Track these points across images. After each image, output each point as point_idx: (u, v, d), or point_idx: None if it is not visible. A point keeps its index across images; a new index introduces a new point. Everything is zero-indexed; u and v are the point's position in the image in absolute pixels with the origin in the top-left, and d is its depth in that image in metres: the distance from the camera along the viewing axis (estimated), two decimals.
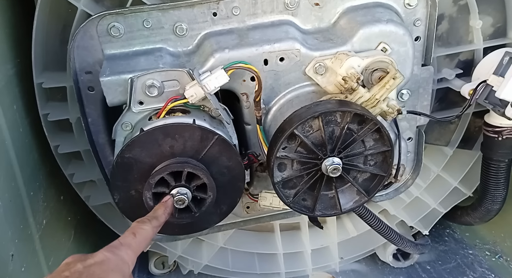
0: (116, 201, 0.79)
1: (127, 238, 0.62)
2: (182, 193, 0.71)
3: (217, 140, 0.75)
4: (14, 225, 0.85)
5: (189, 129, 0.74)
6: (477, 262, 1.36)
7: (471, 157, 1.19)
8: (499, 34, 1.04)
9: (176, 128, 0.74)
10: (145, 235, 0.64)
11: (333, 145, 0.79)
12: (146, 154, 0.74)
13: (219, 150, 0.76)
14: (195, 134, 0.74)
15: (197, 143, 0.75)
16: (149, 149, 0.74)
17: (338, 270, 1.36)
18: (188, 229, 0.86)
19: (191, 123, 0.75)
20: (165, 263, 1.36)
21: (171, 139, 0.74)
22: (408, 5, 0.89)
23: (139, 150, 0.74)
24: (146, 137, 0.74)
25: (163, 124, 0.74)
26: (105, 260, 0.56)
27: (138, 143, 0.74)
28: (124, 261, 0.58)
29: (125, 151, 0.74)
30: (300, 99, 0.88)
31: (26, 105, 0.96)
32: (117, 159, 0.74)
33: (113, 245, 0.60)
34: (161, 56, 0.83)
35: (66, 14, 0.89)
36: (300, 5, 0.86)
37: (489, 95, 0.95)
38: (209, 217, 0.82)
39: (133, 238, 0.62)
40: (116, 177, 0.76)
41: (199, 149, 0.75)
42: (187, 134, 0.74)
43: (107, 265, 0.56)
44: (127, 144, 0.74)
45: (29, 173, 0.94)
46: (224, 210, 0.83)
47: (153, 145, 0.74)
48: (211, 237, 1.25)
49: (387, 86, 0.81)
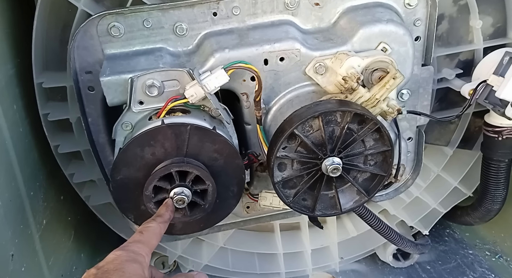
0: (133, 221, 0.80)
1: (134, 237, 0.63)
2: (178, 193, 0.71)
3: (191, 129, 0.74)
4: (14, 225, 0.85)
5: (160, 131, 0.73)
6: (477, 262, 1.36)
7: (471, 157, 1.19)
8: (499, 34, 1.04)
9: (147, 135, 0.73)
10: (153, 231, 0.65)
11: (333, 145, 0.79)
12: (133, 170, 0.74)
13: (198, 138, 0.75)
14: (168, 134, 0.74)
15: (174, 141, 0.74)
16: (134, 164, 0.74)
17: (338, 270, 1.36)
18: (211, 221, 0.85)
19: (160, 125, 0.74)
20: (165, 263, 1.36)
21: (148, 147, 0.73)
22: (408, 5, 0.89)
23: (126, 169, 0.74)
24: (126, 155, 0.74)
25: (133, 137, 0.74)
26: (117, 257, 0.57)
27: (122, 163, 0.74)
28: (137, 252, 0.59)
29: (114, 174, 0.74)
30: (300, 99, 0.88)
31: (26, 105, 0.96)
32: (111, 184, 0.75)
33: (122, 245, 0.60)
34: (161, 56, 0.83)
35: (66, 14, 0.89)
36: (300, 5, 0.86)
37: (489, 95, 0.95)
38: (225, 203, 0.82)
39: (141, 235, 0.63)
40: (120, 199, 0.78)
41: (179, 145, 0.75)
42: (160, 136, 0.73)
43: (119, 259, 0.56)
44: (112, 167, 0.74)
45: (29, 173, 0.94)
46: (236, 190, 0.82)
47: (136, 159, 0.74)
48: (211, 237, 1.25)
49: (387, 86, 0.81)
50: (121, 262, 0.55)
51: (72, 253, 1.12)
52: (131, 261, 0.56)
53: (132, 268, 0.55)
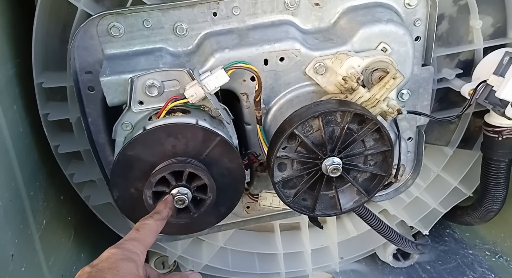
0: (115, 198, 0.79)
1: (130, 234, 0.62)
2: (182, 193, 0.71)
3: (219, 141, 0.75)
4: (14, 225, 0.85)
5: (192, 129, 0.74)
6: (477, 262, 1.36)
7: (471, 157, 1.19)
8: (499, 34, 1.04)
9: (179, 128, 0.74)
10: (149, 228, 0.64)
11: (333, 145, 0.79)
12: (148, 153, 0.74)
13: (220, 151, 0.76)
14: (198, 135, 0.74)
15: (199, 144, 0.75)
16: (151, 148, 0.74)
17: (338, 270, 1.36)
18: (185, 229, 0.86)
19: (194, 123, 0.75)
20: (165, 263, 1.36)
21: (173, 138, 0.74)
22: (408, 5, 0.89)
23: (141, 148, 0.74)
24: (149, 136, 0.74)
25: (167, 124, 0.74)
26: (111, 255, 0.56)
27: (141, 141, 0.74)
28: (132, 250, 0.58)
29: (128, 149, 0.74)
30: (300, 99, 0.88)
31: (26, 105, 0.96)
32: (118, 156, 0.74)
33: (117, 243, 0.59)
34: (161, 56, 0.83)
35: (66, 14, 0.89)
36: (300, 5, 0.86)
37: (489, 95, 0.95)
38: (207, 218, 0.82)
39: (137, 232, 0.62)
40: (117, 174, 0.76)
41: (201, 150, 0.75)
42: (190, 134, 0.74)
43: (114, 258, 0.55)
44: (129, 142, 0.74)
45: (29, 173, 0.94)
46: (223, 211, 0.83)
47: (156, 143, 0.74)
48: (211, 237, 1.25)
49: (387, 86, 0.81)
50: (116, 261, 0.55)
51: (72, 253, 1.12)
52: (126, 260, 0.56)
53: (127, 267, 0.54)
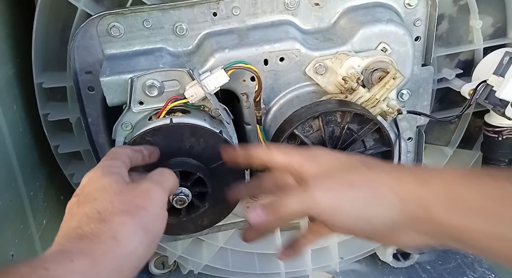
0: None
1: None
2: (185, 194, 0.71)
3: (224, 145, 0.75)
4: (14, 225, 0.85)
5: (215, 138, 0.74)
6: (477, 262, 1.36)
7: (471, 157, 1.19)
8: (499, 34, 1.04)
9: (205, 132, 0.74)
10: (119, 150, 0.64)
11: (333, 145, 0.79)
12: (165, 144, 0.73)
13: (230, 168, 0.75)
14: (218, 145, 0.74)
15: (215, 153, 0.74)
16: (171, 140, 0.73)
17: (338, 270, 1.36)
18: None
19: (218, 133, 0.75)
20: (165, 263, 1.36)
21: (195, 139, 0.74)
22: (408, 5, 0.89)
23: (161, 137, 0.73)
24: (174, 129, 0.73)
25: (195, 124, 0.74)
26: (91, 176, 0.54)
27: (164, 131, 0.73)
28: (109, 165, 0.56)
29: (149, 133, 0.73)
30: (300, 99, 0.88)
31: (26, 105, 0.96)
32: (136, 138, 0.73)
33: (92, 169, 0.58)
34: (161, 56, 0.83)
35: (66, 14, 0.89)
36: (300, 5, 0.86)
37: (489, 95, 0.95)
38: (187, 225, 0.81)
39: (107, 155, 0.61)
40: None
41: (213, 159, 0.75)
42: (212, 141, 0.74)
43: (94, 178, 0.54)
44: (153, 128, 0.73)
45: (29, 173, 0.94)
46: (205, 223, 0.82)
47: (177, 138, 0.73)
48: (211, 237, 1.25)
49: (387, 86, 0.81)
50: (98, 180, 0.53)
51: None
52: (107, 174, 0.53)
53: (110, 179, 0.52)
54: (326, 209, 0.49)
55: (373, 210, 0.48)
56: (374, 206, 0.48)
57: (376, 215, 0.48)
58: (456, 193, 0.43)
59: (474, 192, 0.42)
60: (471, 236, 0.42)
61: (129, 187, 0.52)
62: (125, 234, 0.46)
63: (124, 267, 0.45)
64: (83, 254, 0.43)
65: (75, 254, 0.42)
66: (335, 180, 0.51)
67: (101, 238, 0.45)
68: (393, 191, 0.47)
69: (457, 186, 0.43)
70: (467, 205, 0.42)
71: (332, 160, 0.55)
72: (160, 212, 0.52)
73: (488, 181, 0.42)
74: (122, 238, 0.46)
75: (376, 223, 0.48)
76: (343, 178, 0.51)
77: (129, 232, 0.46)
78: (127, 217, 0.48)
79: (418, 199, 0.45)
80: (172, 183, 0.59)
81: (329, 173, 0.53)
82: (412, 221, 0.47)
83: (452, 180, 0.44)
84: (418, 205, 0.45)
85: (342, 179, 0.51)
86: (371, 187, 0.49)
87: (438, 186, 0.45)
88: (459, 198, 0.43)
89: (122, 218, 0.47)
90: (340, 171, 0.53)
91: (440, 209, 0.44)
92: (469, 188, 0.43)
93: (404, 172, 0.49)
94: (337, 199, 0.50)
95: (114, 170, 0.55)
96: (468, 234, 0.42)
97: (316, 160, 0.55)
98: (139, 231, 0.47)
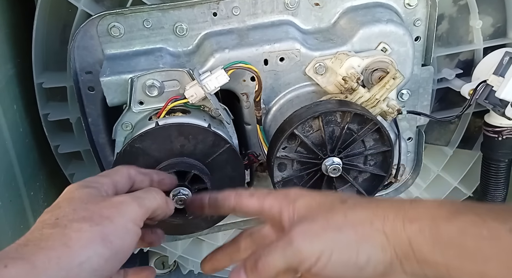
0: None
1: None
2: (183, 193, 0.71)
3: (227, 148, 0.75)
4: (14, 225, 0.85)
5: (204, 132, 0.74)
6: None
7: (471, 157, 1.19)
8: (499, 34, 1.04)
9: (191, 129, 0.74)
10: (116, 169, 0.59)
11: (333, 145, 0.79)
12: (156, 148, 0.73)
13: (226, 158, 0.76)
14: (208, 139, 0.74)
15: (208, 148, 0.74)
16: (160, 143, 0.73)
17: None
18: (175, 231, 0.85)
19: (207, 127, 0.74)
20: (165, 263, 1.36)
21: (184, 138, 0.73)
22: (408, 5, 0.89)
23: (150, 142, 0.73)
24: (161, 132, 0.73)
25: (180, 123, 0.74)
26: (66, 189, 0.51)
27: (152, 135, 0.73)
28: (89, 181, 0.52)
29: (136, 141, 0.73)
30: (300, 99, 0.88)
31: (26, 105, 0.96)
32: (125, 147, 0.73)
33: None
34: (161, 56, 0.83)
35: (66, 14, 0.89)
36: (300, 5, 0.86)
37: (489, 95, 0.95)
38: (197, 223, 0.82)
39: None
40: (121, 164, 0.76)
41: (207, 154, 0.75)
42: (201, 137, 0.74)
43: (68, 190, 0.51)
44: (140, 134, 0.73)
45: (29, 173, 0.94)
46: (214, 218, 0.83)
47: (166, 140, 0.73)
48: (211, 237, 1.25)
49: (387, 86, 0.81)
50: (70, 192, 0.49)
51: None
52: (82, 187, 0.49)
53: (83, 192, 0.48)
54: (312, 259, 0.45)
55: (361, 253, 0.45)
56: (361, 248, 0.45)
57: (365, 258, 0.45)
58: (442, 232, 0.42)
59: (459, 231, 0.41)
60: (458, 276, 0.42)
61: (100, 199, 0.48)
62: (78, 241, 0.42)
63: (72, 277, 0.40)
64: (22, 259, 0.39)
65: (12, 260, 0.39)
66: (317, 224, 0.47)
67: (49, 243, 0.42)
68: (379, 230, 0.45)
69: (443, 224, 0.42)
70: (453, 244, 0.42)
71: (310, 202, 0.51)
72: (129, 226, 0.47)
73: (474, 219, 0.41)
74: (74, 245, 0.42)
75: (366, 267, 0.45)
76: (326, 221, 0.47)
77: (84, 239, 0.42)
78: (86, 224, 0.44)
79: (406, 238, 0.44)
80: (156, 202, 0.54)
81: (310, 218, 0.49)
82: (401, 262, 0.45)
83: (438, 217, 0.43)
84: (406, 245, 0.44)
85: (325, 222, 0.47)
86: (356, 228, 0.46)
87: (424, 225, 0.43)
88: (445, 237, 0.42)
89: (80, 225, 0.43)
90: (321, 214, 0.49)
91: (428, 248, 0.43)
92: (455, 226, 0.42)
93: (389, 209, 0.46)
94: (322, 245, 0.46)
95: (93, 185, 0.50)
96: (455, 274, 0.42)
97: (295, 204, 0.51)
98: (96, 241, 0.43)
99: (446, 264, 0.42)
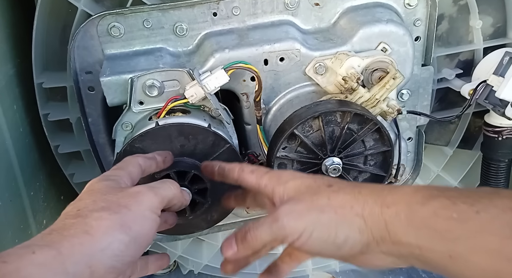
0: None
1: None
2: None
3: (227, 148, 0.75)
4: (14, 225, 0.85)
5: (204, 132, 0.74)
6: None
7: (471, 157, 1.19)
8: (499, 34, 1.04)
9: (192, 129, 0.74)
10: (128, 160, 0.62)
11: (333, 145, 0.79)
12: (156, 148, 0.73)
13: (226, 158, 0.75)
14: (208, 139, 0.74)
15: (208, 148, 0.75)
16: (160, 143, 0.73)
17: (338, 270, 1.36)
18: (176, 231, 0.85)
19: (207, 127, 0.74)
20: None
21: (184, 138, 0.74)
22: (408, 5, 0.89)
23: (150, 142, 0.73)
24: (161, 132, 0.73)
25: (180, 123, 0.74)
26: (86, 186, 0.54)
27: (152, 135, 0.73)
28: (106, 175, 0.56)
29: (136, 141, 0.73)
30: (300, 99, 0.88)
31: (26, 105, 0.96)
32: (126, 147, 0.73)
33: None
34: (161, 56, 0.83)
35: (66, 14, 0.89)
36: (300, 5, 0.86)
37: (489, 95, 0.95)
38: (198, 222, 0.82)
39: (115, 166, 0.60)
40: None
41: (207, 154, 0.75)
42: (201, 137, 0.74)
43: (89, 187, 0.53)
44: (140, 134, 0.73)
45: (29, 173, 0.94)
46: (214, 218, 0.83)
47: (166, 140, 0.73)
48: (211, 237, 1.25)
49: (387, 86, 0.81)
50: (91, 184, 0.53)
51: None
52: (101, 180, 0.53)
53: (103, 184, 0.52)
54: (294, 235, 0.50)
55: (339, 233, 0.49)
56: (340, 229, 0.49)
57: (342, 237, 0.49)
58: (415, 215, 0.45)
59: (431, 213, 0.44)
60: (429, 255, 0.44)
61: (118, 190, 0.52)
62: (99, 229, 0.45)
63: (95, 263, 0.43)
64: (48, 246, 0.42)
65: (39, 247, 0.42)
66: (303, 205, 0.52)
67: (71, 231, 0.44)
68: (358, 214, 0.49)
69: (417, 208, 0.45)
70: (425, 226, 0.44)
71: (300, 184, 0.56)
72: (146, 214, 0.51)
73: (446, 202, 0.44)
74: (95, 232, 0.45)
75: (343, 246, 0.49)
76: (311, 202, 0.52)
77: (104, 227, 0.45)
78: (105, 213, 0.47)
79: (383, 221, 0.47)
80: (171, 191, 0.58)
81: (297, 198, 0.53)
82: (377, 243, 0.48)
83: (413, 202, 0.46)
84: (383, 228, 0.47)
85: (309, 203, 0.52)
86: (337, 210, 0.50)
87: (400, 209, 0.46)
88: (418, 220, 0.45)
89: (100, 214, 0.47)
90: (307, 196, 0.53)
91: (402, 230, 0.46)
92: (427, 209, 0.44)
93: (369, 195, 0.50)
94: (304, 224, 0.50)
95: (112, 178, 0.54)
96: (427, 254, 0.44)
97: (286, 185, 0.56)
98: (115, 227, 0.46)
99: (419, 245, 0.45)
